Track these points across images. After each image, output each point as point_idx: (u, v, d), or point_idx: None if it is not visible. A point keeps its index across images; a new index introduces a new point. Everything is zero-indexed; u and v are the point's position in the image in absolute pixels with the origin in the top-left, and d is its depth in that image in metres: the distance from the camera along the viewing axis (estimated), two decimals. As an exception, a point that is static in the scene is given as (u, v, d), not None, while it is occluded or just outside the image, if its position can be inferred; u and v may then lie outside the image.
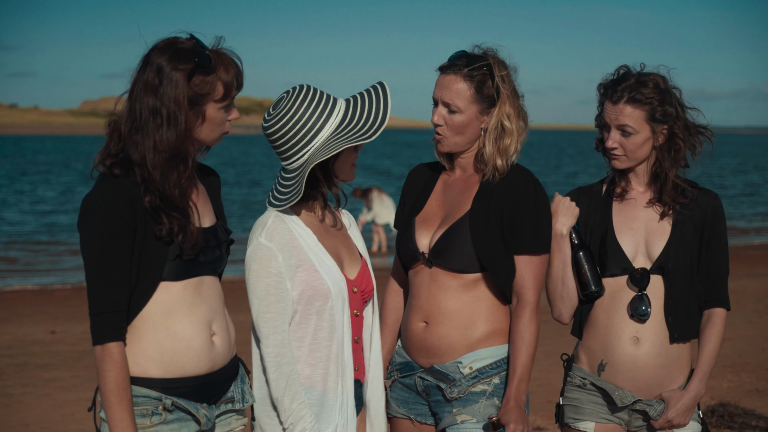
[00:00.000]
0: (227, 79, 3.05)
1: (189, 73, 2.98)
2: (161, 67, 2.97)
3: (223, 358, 3.13)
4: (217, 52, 3.06)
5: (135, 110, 2.99)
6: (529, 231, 3.43)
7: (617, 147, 3.61)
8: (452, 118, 3.48)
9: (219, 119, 3.08)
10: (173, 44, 3.02)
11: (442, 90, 3.49)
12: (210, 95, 3.03)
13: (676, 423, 3.58)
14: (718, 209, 3.66)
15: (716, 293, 3.64)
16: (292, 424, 3.20)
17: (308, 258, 3.25)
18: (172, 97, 2.96)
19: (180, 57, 2.99)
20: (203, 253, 3.07)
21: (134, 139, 2.98)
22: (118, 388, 2.91)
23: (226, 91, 3.05)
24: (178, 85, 2.97)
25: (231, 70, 3.06)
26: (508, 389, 3.38)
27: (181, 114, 2.97)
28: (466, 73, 3.45)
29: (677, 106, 3.61)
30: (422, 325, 3.52)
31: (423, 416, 3.59)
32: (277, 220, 3.26)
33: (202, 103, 3.02)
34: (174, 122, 2.97)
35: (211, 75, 3.01)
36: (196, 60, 2.98)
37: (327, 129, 3.23)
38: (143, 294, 2.97)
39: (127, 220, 2.92)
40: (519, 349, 3.41)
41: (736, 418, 7.04)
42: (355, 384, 3.38)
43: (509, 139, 3.49)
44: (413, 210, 3.65)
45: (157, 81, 2.97)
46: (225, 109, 3.09)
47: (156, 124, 2.96)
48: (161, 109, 2.96)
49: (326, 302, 3.26)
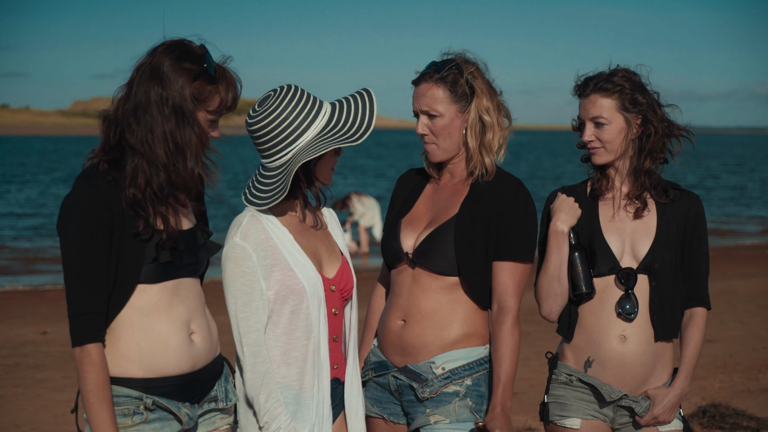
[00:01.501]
0: (224, 96, 3.06)
1: (194, 74, 2.99)
2: (170, 60, 2.97)
3: (205, 357, 3.13)
4: (223, 68, 3.07)
5: (138, 94, 2.98)
6: (516, 238, 3.45)
7: (593, 140, 3.65)
8: (435, 123, 3.53)
9: (203, 129, 3.07)
10: (184, 44, 3.03)
11: (419, 99, 3.55)
12: (205, 103, 3.03)
13: (662, 420, 3.62)
14: (699, 210, 3.71)
15: (697, 292, 3.69)
16: (267, 423, 3.22)
17: (283, 257, 3.27)
18: (178, 89, 2.97)
19: (189, 56, 3.00)
20: (181, 256, 3.06)
21: (131, 122, 2.96)
22: (98, 389, 2.91)
23: (219, 107, 3.06)
24: (184, 80, 2.97)
25: (231, 90, 3.08)
26: (494, 396, 3.40)
27: (188, 107, 2.97)
28: (437, 77, 3.51)
29: (649, 98, 3.65)
30: (400, 323, 3.54)
31: (396, 416, 3.61)
32: (252, 220, 3.28)
33: (197, 107, 3.02)
34: (183, 117, 2.97)
35: (212, 85, 3.02)
36: (205, 66, 2.99)
37: (313, 129, 3.25)
38: (121, 295, 2.97)
39: (105, 221, 2.91)
40: (503, 356, 3.41)
41: (727, 419, 7.06)
42: (335, 383, 3.40)
43: (491, 133, 3.53)
44: (400, 212, 3.68)
45: (163, 70, 2.96)
46: (211, 123, 3.08)
47: (162, 113, 2.96)
48: (168, 99, 2.96)
49: (301, 301, 3.28)
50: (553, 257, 3.64)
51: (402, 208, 3.69)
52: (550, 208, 3.71)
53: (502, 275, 3.46)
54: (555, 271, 3.64)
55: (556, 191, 3.77)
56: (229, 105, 3.09)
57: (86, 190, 2.93)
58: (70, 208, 2.94)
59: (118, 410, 2.96)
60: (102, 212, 2.91)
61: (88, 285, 2.91)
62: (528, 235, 3.48)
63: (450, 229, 3.49)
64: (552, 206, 3.70)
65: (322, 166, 3.34)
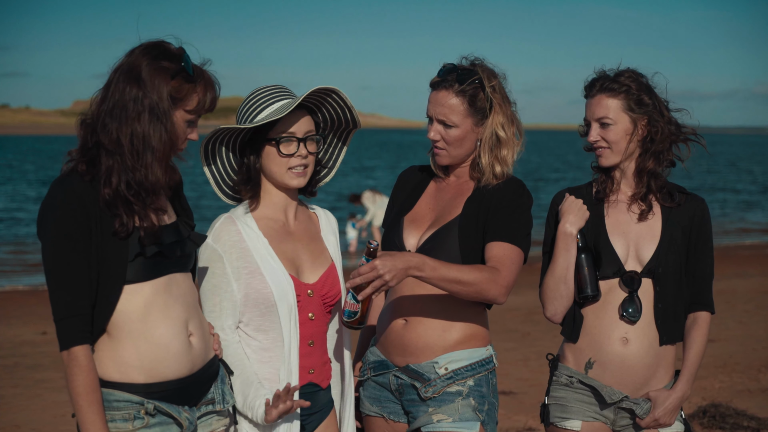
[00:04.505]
0: (202, 97, 3.03)
1: (172, 72, 2.97)
2: (147, 60, 2.95)
3: (202, 359, 3.12)
4: (201, 69, 3.05)
5: (114, 95, 2.95)
6: (504, 222, 3.43)
7: (599, 140, 3.63)
8: (449, 133, 3.51)
9: (181, 130, 3.04)
10: (161, 44, 3.02)
11: (435, 107, 3.52)
12: (183, 102, 3.00)
13: (662, 422, 3.61)
14: (705, 214, 3.68)
15: (702, 297, 3.67)
16: (250, 406, 3.22)
17: (254, 260, 3.29)
18: (155, 88, 2.94)
19: (166, 56, 2.98)
20: (166, 250, 3.04)
21: (107, 122, 2.94)
22: (87, 392, 2.89)
23: (197, 107, 3.04)
24: (161, 79, 2.95)
25: (209, 91, 3.05)
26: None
27: (163, 106, 2.95)
28: (457, 88, 3.48)
29: (656, 99, 3.63)
30: (402, 323, 3.53)
31: (396, 415, 3.61)
32: (226, 222, 3.32)
33: (175, 105, 2.99)
34: (157, 117, 2.94)
35: (190, 84, 3.00)
36: (182, 64, 2.97)
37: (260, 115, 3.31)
38: (109, 297, 2.94)
39: (81, 223, 2.89)
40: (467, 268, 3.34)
41: (727, 419, 7.06)
42: (312, 387, 3.39)
43: (506, 150, 3.52)
44: (402, 209, 3.67)
45: (140, 71, 2.94)
46: (189, 123, 3.07)
47: (136, 112, 2.93)
48: (143, 99, 2.93)
49: (270, 306, 3.28)
50: (560, 259, 3.62)
51: (404, 206, 3.68)
52: (557, 209, 3.69)
53: (493, 250, 3.42)
54: (562, 272, 3.62)
55: (563, 192, 3.76)
56: (208, 106, 3.07)
57: (61, 193, 2.91)
58: (46, 211, 2.93)
59: (119, 415, 2.95)
60: (78, 214, 2.89)
61: (68, 288, 2.89)
62: (516, 221, 3.45)
63: (454, 228, 3.48)
64: (560, 208, 3.68)
65: (269, 165, 3.33)
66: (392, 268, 3.18)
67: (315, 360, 3.40)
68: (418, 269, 3.23)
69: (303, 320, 3.34)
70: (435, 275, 3.26)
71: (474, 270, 3.32)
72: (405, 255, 3.24)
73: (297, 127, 3.31)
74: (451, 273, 3.27)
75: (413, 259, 3.23)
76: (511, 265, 3.40)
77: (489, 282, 3.32)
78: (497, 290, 3.35)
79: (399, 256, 3.22)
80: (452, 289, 3.30)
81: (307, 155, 3.33)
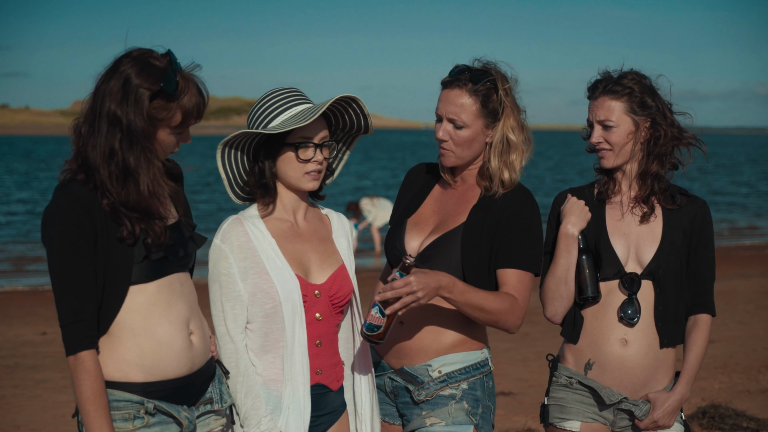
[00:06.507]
0: (188, 107, 3.01)
1: (152, 94, 2.95)
2: (128, 79, 2.93)
3: (201, 358, 3.13)
4: (186, 77, 3.02)
5: (95, 112, 2.95)
6: (519, 247, 3.42)
7: (601, 141, 3.63)
8: (458, 133, 3.48)
9: (168, 143, 3.04)
10: (146, 58, 2.98)
11: (446, 105, 3.49)
12: (165, 121, 2.99)
13: (662, 424, 3.62)
14: (706, 216, 3.68)
15: (703, 299, 3.67)
16: (246, 420, 3.25)
17: (260, 261, 3.30)
18: (133, 112, 2.93)
19: (148, 75, 2.95)
20: (171, 251, 3.05)
21: (91, 141, 2.95)
22: (94, 396, 2.90)
23: (183, 120, 3.02)
24: (140, 103, 2.93)
25: (194, 100, 3.02)
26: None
27: (140, 129, 2.94)
28: (471, 87, 3.45)
29: (659, 102, 3.63)
30: (398, 325, 3.52)
31: (391, 417, 3.61)
32: (234, 222, 3.34)
33: (155, 126, 2.99)
34: (135, 140, 2.93)
35: (173, 102, 2.98)
36: (162, 85, 2.95)
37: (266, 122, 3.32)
38: (114, 299, 2.96)
39: (86, 229, 2.90)
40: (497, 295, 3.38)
41: (727, 420, 7.06)
42: (321, 388, 3.38)
43: (515, 155, 3.50)
44: (407, 211, 3.66)
45: (121, 93, 2.93)
46: (177, 134, 3.06)
47: (112, 132, 2.93)
48: (121, 120, 2.93)
49: (276, 305, 3.29)
50: (561, 260, 3.62)
51: (408, 207, 3.66)
52: (559, 210, 3.69)
53: (508, 277, 3.42)
54: (563, 273, 3.62)
55: (564, 193, 3.76)
56: (196, 115, 3.06)
57: (64, 200, 2.92)
58: (49, 218, 2.94)
59: (119, 415, 2.95)
60: (82, 220, 2.90)
61: (73, 293, 2.91)
62: (532, 246, 3.45)
63: (457, 237, 3.46)
64: (562, 208, 3.68)
65: (285, 168, 3.34)
66: (425, 286, 3.20)
67: (323, 361, 3.39)
68: (448, 290, 3.26)
69: (310, 320, 3.35)
70: (462, 299, 3.30)
71: (497, 299, 3.35)
72: (438, 274, 3.26)
73: (314, 133, 3.33)
74: (477, 299, 3.31)
75: (444, 279, 3.26)
76: (526, 294, 3.43)
77: (508, 313, 3.37)
78: (513, 322, 3.40)
79: (432, 275, 3.24)
80: (472, 314, 3.34)
81: (322, 161, 3.36)
